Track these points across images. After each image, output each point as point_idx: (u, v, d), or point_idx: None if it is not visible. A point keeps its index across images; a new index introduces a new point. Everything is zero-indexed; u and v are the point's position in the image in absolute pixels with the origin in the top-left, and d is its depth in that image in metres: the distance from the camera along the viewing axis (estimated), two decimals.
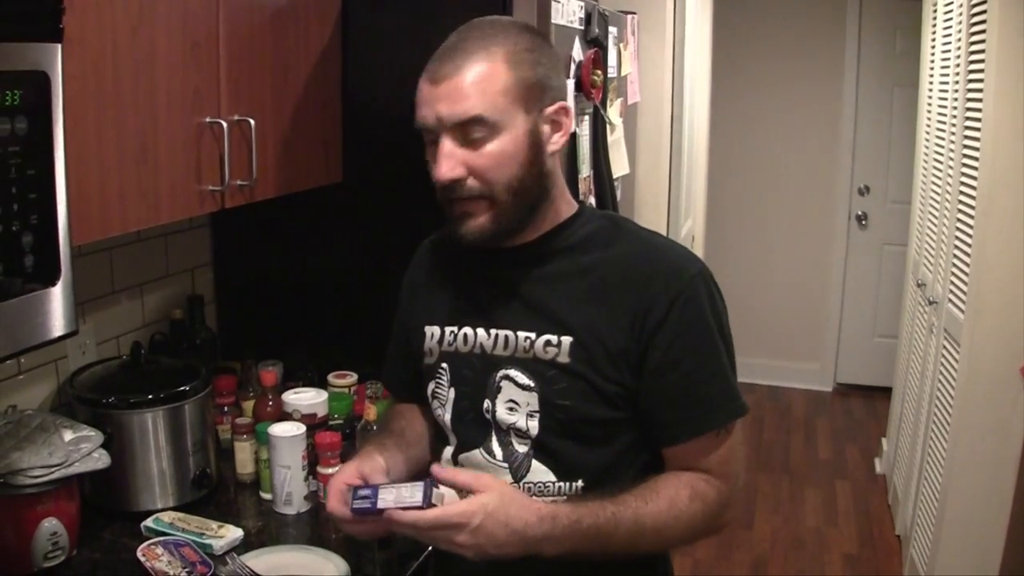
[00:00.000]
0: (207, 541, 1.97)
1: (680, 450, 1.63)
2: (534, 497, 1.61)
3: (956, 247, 3.59)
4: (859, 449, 5.83)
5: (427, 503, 1.48)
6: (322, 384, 2.48)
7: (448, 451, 1.76)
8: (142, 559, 1.88)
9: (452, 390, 1.73)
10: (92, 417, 2.07)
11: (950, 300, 3.63)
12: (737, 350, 1.67)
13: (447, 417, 1.75)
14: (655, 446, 1.65)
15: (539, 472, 1.65)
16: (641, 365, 1.60)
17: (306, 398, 2.34)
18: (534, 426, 1.64)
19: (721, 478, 1.62)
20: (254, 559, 1.93)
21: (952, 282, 3.62)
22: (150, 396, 2.13)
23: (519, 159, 1.58)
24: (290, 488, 2.17)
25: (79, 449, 1.91)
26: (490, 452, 1.69)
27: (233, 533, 2.02)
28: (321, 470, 2.19)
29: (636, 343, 1.59)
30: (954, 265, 3.61)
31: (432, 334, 1.76)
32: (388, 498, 1.51)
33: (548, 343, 1.62)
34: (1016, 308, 3.19)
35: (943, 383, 3.66)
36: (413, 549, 1.97)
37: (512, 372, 1.65)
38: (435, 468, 1.58)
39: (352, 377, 2.53)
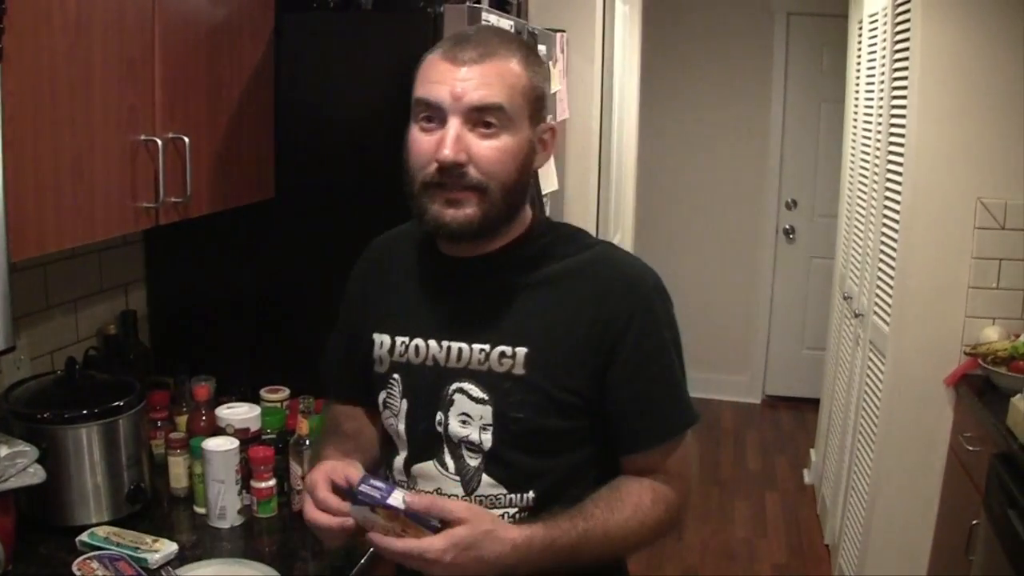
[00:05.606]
0: (142, 555, 1.98)
1: (639, 458, 1.66)
2: (496, 510, 1.62)
3: (881, 260, 3.68)
4: (788, 460, 5.92)
5: (434, 529, 1.44)
6: (255, 399, 2.49)
7: (399, 460, 1.73)
8: (78, 573, 1.88)
9: (404, 401, 1.70)
10: (27, 432, 2.07)
11: (875, 312, 3.72)
12: None
13: (400, 428, 1.71)
14: (615, 453, 1.67)
15: (488, 486, 1.64)
16: (602, 376, 1.61)
17: (239, 413, 2.35)
18: (487, 439, 1.62)
19: (678, 480, 1.66)
20: (189, 572, 1.94)
21: (877, 295, 3.71)
22: (85, 411, 2.13)
23: (517, 162, 1.58)
24: (224, 502, 2.19)
25: (14, 464, 1.91)
26: (443, 464, 1.67)
27: (168, 547, 2.03)
28: (255, 484, 2.21)
29: (595, 354, 1.60)
30: (878, 278, 3.70)
31: (382, 343, 1.73)
32: (397, 500, 1.45)
33: (503, 355, 1.61)
34: (939, 320, 3.29)
35: (869, 394, 3.75)
36: (346, 561, 2.01)
37: (466, 385, 1.63)
38: (409, 497, 1.46)
39: (284, 392, 2.52)
